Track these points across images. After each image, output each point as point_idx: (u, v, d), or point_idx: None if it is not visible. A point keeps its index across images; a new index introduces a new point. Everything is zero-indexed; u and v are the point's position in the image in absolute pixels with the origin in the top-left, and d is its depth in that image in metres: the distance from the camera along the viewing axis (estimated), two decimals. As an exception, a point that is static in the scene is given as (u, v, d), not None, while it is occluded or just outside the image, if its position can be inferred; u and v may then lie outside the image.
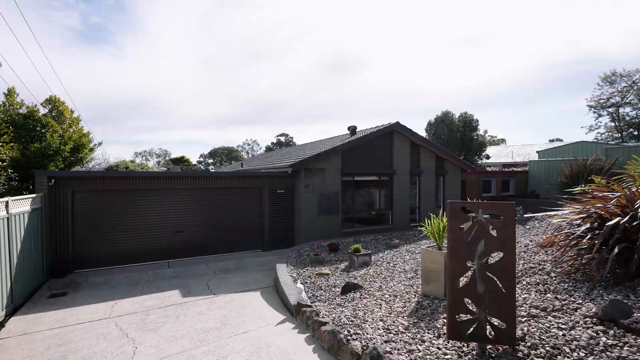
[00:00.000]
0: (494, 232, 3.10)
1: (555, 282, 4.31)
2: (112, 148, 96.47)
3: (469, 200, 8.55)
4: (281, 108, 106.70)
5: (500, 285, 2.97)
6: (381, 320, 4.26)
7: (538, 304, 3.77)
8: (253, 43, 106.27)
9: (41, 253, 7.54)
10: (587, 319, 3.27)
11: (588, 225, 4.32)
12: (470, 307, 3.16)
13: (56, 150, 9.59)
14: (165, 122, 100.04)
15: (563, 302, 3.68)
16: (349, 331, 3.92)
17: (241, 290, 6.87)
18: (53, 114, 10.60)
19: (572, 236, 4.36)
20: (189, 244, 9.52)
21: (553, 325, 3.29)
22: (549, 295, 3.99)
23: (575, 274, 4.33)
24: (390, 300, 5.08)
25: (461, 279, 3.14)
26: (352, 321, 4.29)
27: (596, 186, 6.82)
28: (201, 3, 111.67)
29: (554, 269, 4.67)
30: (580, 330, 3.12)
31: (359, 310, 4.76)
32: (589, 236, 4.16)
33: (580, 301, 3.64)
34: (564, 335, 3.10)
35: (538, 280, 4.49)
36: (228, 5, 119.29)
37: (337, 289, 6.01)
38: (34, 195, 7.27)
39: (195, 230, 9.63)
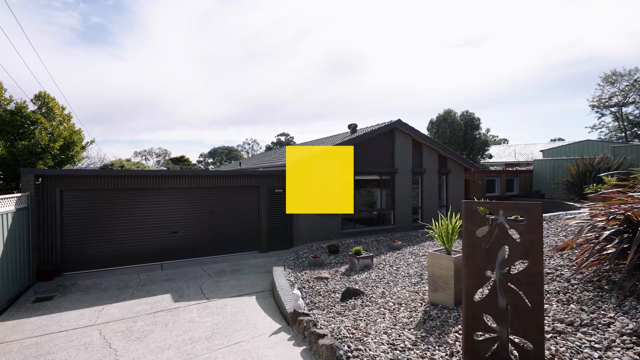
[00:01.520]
0: (516, 237, 2.69)
1: (577, 290, 3.90)
2: (112, 147, 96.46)
3: (476, 200, 8.18)
4: (281, 108, 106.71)
5: (526, 300, 2.56)
6: (385, 332, 3.85)
7: (563, 316, 3.35)
8: (253, 43, 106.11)
9: (27, 255, 7.19)
10: (625, 337, 2.84)
11: (615, 228, 3.90)
12: (490, 324, 2.75)
13: (45, 148, 9.19)
14: (166, 121, 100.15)
15: (592, 316, 3.26)
16: (349, 346, 3.51)
17: (236, 294, 6.50)
18: (43, 110, 10.20)
19: (597, 240, 3.94)
20: (183, 245, 9.16)
21: (585, 344, 2.87)
22: (572, 306, 3.57)
23: (599, 282, 3.93)
24: (394, 308, 4.68)
25: (479, 291, 2.74)
26: (352, 334, 3.89)
27: (610, 186, 6.42)
28: (201, 3, 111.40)
29: (575, 275, 4.26)
30: (619, 351, 2.69)
31: (360, 320, 4.37)
32: (616, 240, 3.75)
33: (612, 314, 3.22)
34: (600, 357, 2.67)
35: (558, 288, 4.08)
36: (228, 5, 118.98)
37: (337, 295, 5.62)
38: (19, 194, 6.93)
39: (190, 231, 9.26)
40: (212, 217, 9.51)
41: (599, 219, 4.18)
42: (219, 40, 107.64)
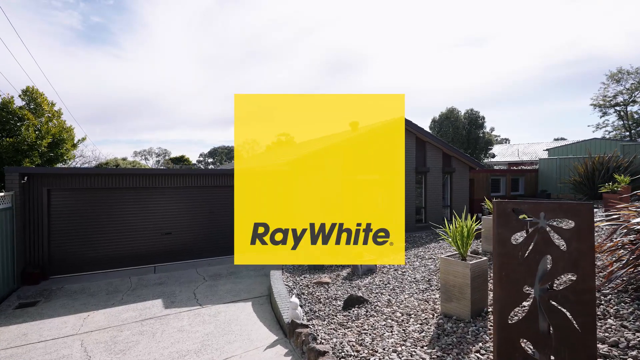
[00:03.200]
0: (559, 245, 2.23)
1: (612, 302, 3.45)
2: (112, 147, 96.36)
3: (488, 201, 7.73)
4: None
5: (574, 321, 2.11)
6: (394, 350, 3.40)
7: (603, 335, 2.90)
8: (253, 43, 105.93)
9: (11, 258, 6.77)
10: (688, 364, 2.41)
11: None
12: (529, 350, 2.29)
13: (32, 145, 8.74)
14: (166, 121, 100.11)
15: (639, 335, 2.81)
16: (354, 367, 3.07)
17: (230, 300, 6.07)
18: (31, 106, 9.75)
19: (635, 245, 3.49)
20: (178, 247, 8.73)
21: (639, 373, 2.43)
22: (610, 321, 3.12)
23: (636, 292, 3.48)
24: (402, 320, 4.23)
25: (515, 310, 2.27)
26: (357, 351, 3.44)
27: (625, 185, 5.95)
28: (201, 3, 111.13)
29: (606, 284, 3.81)
30: (686, 384, 2.26)
31: (365, 333, 3.92)
32: (658, 246, 3.30)
33: (663, 334, 2.78)
34: (664, 392, 2.24)
35: (588, 299, 3.63)
36: (228, 5, 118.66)
37: (339, 302, 5.17)
38: (2, 193, 6.51)
39: (185, 232, 8.83)
40: (209, 217, 9.07)
41: (635, 221, 3.72)
42: (219, 40, 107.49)
